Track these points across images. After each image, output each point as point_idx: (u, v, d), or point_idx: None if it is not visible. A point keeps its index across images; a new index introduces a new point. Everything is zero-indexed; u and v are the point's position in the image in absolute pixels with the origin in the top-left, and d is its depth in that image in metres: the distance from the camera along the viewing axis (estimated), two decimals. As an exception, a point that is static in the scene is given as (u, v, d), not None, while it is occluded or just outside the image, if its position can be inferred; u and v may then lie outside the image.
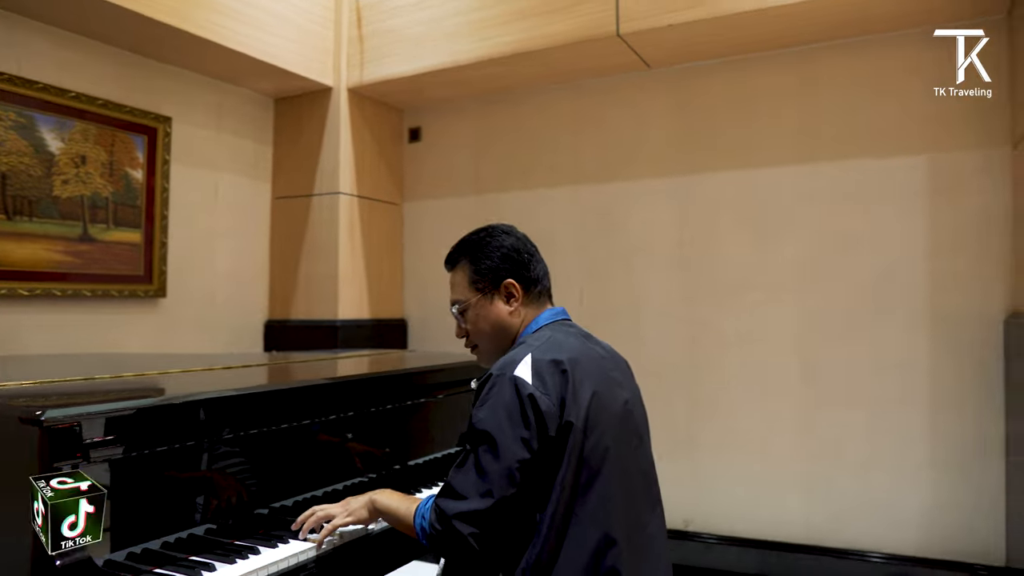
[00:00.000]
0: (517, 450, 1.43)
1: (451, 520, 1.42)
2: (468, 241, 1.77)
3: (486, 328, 1.72)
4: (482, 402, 1.49)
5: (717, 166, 3.67)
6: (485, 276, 1.70)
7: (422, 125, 4.44)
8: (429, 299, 4.38)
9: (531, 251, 1.73)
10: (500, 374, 1.50)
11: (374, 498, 1.66)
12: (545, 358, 1.51)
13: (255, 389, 1.82)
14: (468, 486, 1.44)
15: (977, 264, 3.17)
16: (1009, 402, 3.06)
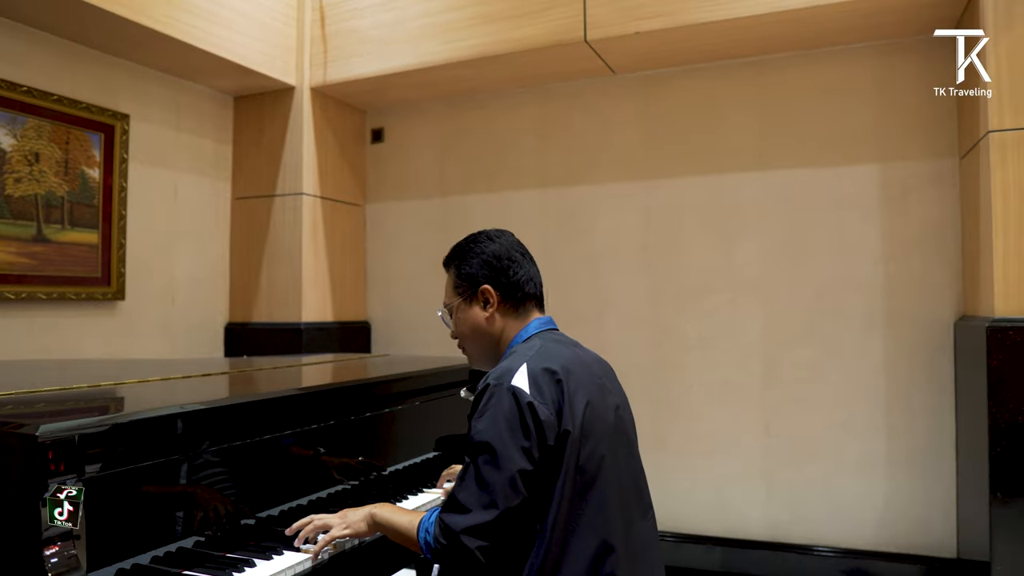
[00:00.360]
0: (519, 460, 1.43)
1: (458, 535, 1.42)
2: (457, 246, 1.79)
3: (467, 332, 1.74)
4: (480, 413, 1.49)
5: (681, 171, 3.74)
6: (465, 281, 1.72)
7: (385, 126, 4.40)
8: (392, 301, 4.35)
9: (514, 258, 1.72)
10: (497, 384, 1.50)
11: (373, 512, 1.64)
12: (539, 367, 1.52)
13: (249, 398, 1.79)
14: (471, 499, 1.43)
15: (928, 269, 3.31)
16: (959, 401, 3.20)
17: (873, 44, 3.39)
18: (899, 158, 3.36)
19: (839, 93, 3.45)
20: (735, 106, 3.63)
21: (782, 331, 3.54)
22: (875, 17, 3.16)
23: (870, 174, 3.41)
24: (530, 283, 1.73)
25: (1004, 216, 2.73)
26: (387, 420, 2.28)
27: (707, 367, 3.66)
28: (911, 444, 3.31)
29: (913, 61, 3.33)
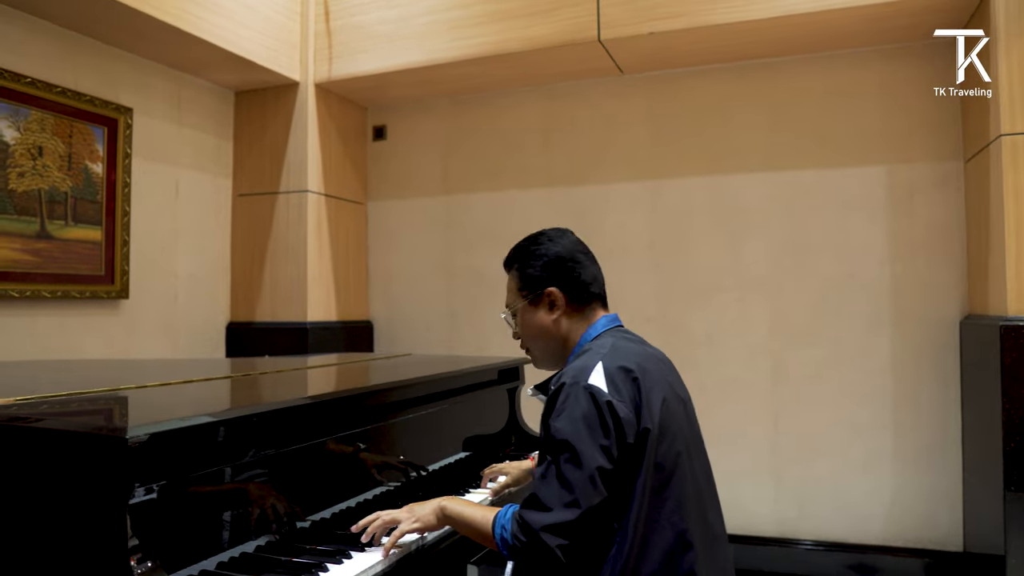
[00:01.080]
0: (599, 458, 1.42)
1: (538, 533, 1.40)
2: (518, 247, 1.77)
3: (532, 334, 1.73)
4: (558, 412, 1.48)
5: (688, 171, 3.77)
6: (528, 284, 1.71)
7: (387, 123, 4.36)
8: (395, 300, 4.31)
9: (578, 259, 1.71)
10: (574, 383, 1.49)
11: (444, 505, 1.61)
12: (615, 365, 1.51)
13: (325, 397, 1.74)
14: (552, 497, 1.42)
15: (934, 269, 3.38)
16: (964, 398, 3.28)
17: (881, 48, 3.45)
18: (905, 160, 3.43)
19: (846, 96, 3.50)
20: (743, 107, 3.67)
21: (790, 329, 3.58)
22: (884, 22, 3.22)
23: (877, 176, 3.47)
24: (595, 283, 1.72)
25: (1016, 218, 2.79)
26: (427, 420, 2.25)
27: (715, 364, 3.69)
28: (917, 441, 3.38)
29: (919, 65, 3.40)
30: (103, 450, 1.18)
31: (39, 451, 1.25)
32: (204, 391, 1.87)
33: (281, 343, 3.82)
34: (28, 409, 1.45)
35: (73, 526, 1.19)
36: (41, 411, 1.47)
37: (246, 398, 1.73)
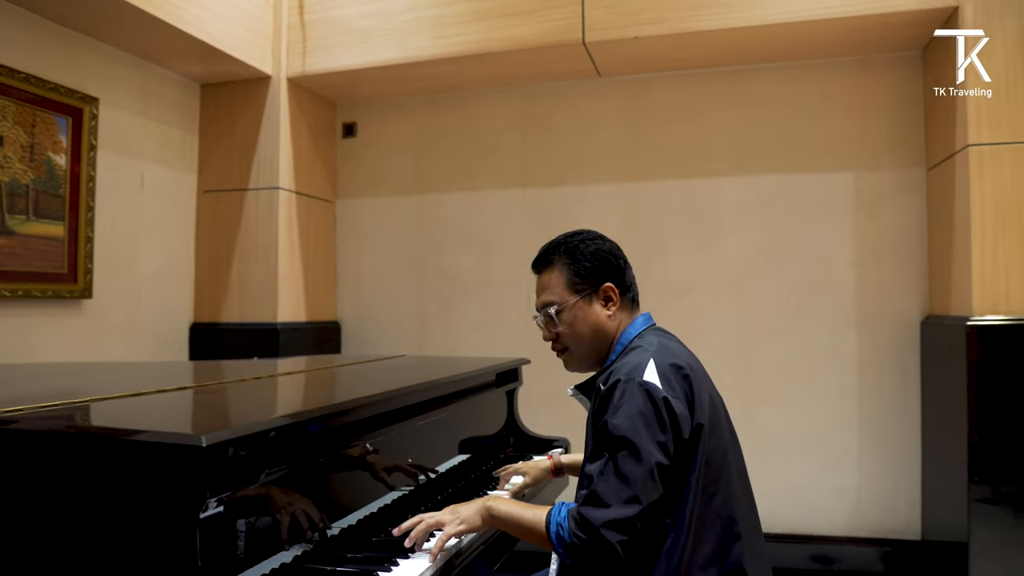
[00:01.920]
0: (656, 454, 1.44)
1: (599, 529, 1.40)
2: (562, 243, 1.72)
3: (584, 331, 1.68)
4: (615, 409, 1.49)
5: (663, 174, 3.84)
6: (585, 278, 1.67)
7: (357, 120, 4.28)
8: (364, 301, 4.23)
9: (624, 257, 1.74)
10: (628, 380, 1.50)
11: (489, 505, 1.59)
12: (667, 363, 1.53)
13: (359, 403, 1.69)
14: (611, 494, 1.43)
15: (897, 272, 3.54)
16: (926, 395, 3.45)
17: (851, 59, 3.59)
18: (871, 168, 3.58)
19: (817, 103, 3.64)
20: (717, 112, 3.76)
21: (759, 330, 3.70)
22: (855, 34, 3.35)
23: (844, 181, 3.61)
24: (634, 284, 1.75)
25: (982, 224, 2.96)
26: (433, 424, 2.22)
27: (689, 365, 3.76)
28: (880, 436, 3.53)
29: (886, 77, 3.56)
30: (175, 460, 1.12)
31: (89, 461, 1.18)
32: (219, 397, 1.79)
33: (249, 345, 3.70)
34: (64, 416, 1.36)
35: (132, 540, 1.12)
36: (71, 417, 1.38)
37: (284, 403, 1.66)
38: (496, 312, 4.03)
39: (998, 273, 2.94)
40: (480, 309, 4.06)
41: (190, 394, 1.77)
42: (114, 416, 1.45)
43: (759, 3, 3.23)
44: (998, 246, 2.94)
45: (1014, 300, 2.92)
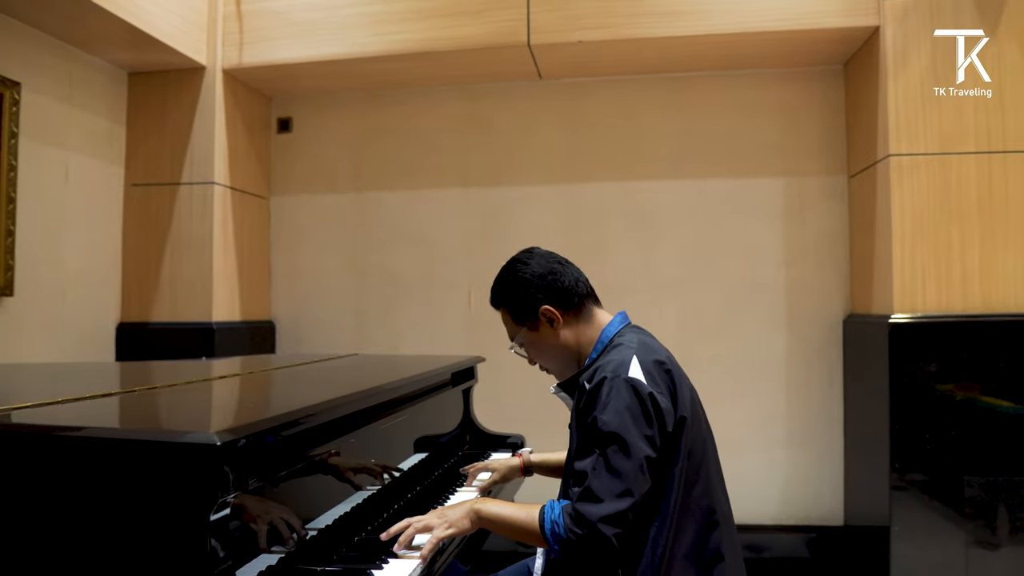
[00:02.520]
0: (644, 448, 1.49)
1: (595, 524, 1.44)
2: (498, 285, 1.81)
3: (548, 352, 1.78)
4: (603, 406, 1.52)
5: (603, 176, 3.93)
6: (522, 311, 1.75)
7: (293, 116, 4.18)
8: (299, 300, 4.14)
9: (554, 269, 1.74)
10: (614, 377, 1.54)
11: (478, 508, 1.60)
12: (649, 359, 1.59)
13: (348, 400, 1.67)
14: (605, 489, 1.46)
15: (821, 273, 3.75)
16: (847, 389, 3.66)
17: (781, 71, 3.78)
18: (798, 174, 3.78)
19: (750, 112, 3.80)
20: (656, 117, 3.88)
21: (697, 328, 3.84)
22: (786, 47, 3.53)
23: (775, 187, 3.79)
24: (579, 284, 1.77)
25: (902, 229, 3.17)
26: (401, 423, 2.21)
27: (628, 363, 3.87)
28: (806, 428, 3.73)
29: (814, 89, 3.76)
30: (182, 457, 1.08)
31: (96, 462, 1.12)
32: (199, 397, 1.73)
33: (182, 345, 3.56)
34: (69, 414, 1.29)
35: (141, 541, 1.08)
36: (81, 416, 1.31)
37: (275, 402, 1.62)
38: (437, 311, 4.02)
39: (916, 275, 3.16)
40: (421, 308, 4.04)
41: (166, 394, 1.70)
42: (107, 417, 1.38)
43: (700, 13, 3.36)
44: (916, 250, 3.16)
45: (930, 300, 3.15)
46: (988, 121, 3.14)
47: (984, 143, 3.13)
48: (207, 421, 1.21)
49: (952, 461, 3.08)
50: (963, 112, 3.15)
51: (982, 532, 3.07)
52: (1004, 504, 3.06)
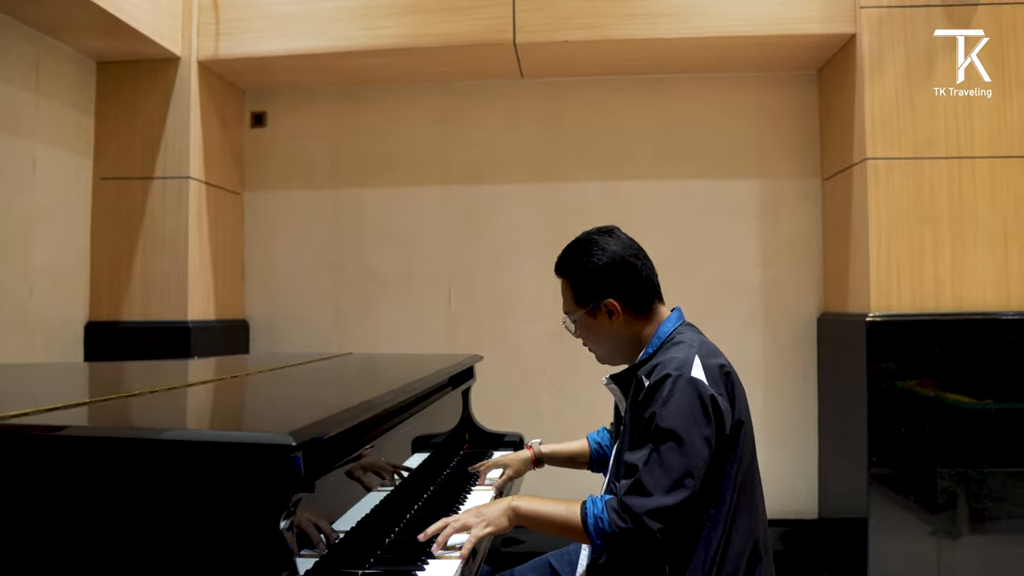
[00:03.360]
0: (702, 448, 1.49)
1: (641, 517, 1.44)
2: (568, 256, 1.77)
3: (597, 338, 1.77)
4: (664, 402, 1.52)
5: (583, 175, 3.95)
6: (584, 297, 1.73)
7: (267, 110, 4.08)
8: (274, 298, 4.05)
9: (630, 263, 1.72)
10: (678, 375, 1.53)
11: (515, 505, 1.58)
12: (710, 361, 1.59)
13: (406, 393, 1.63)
14: (655, 483, 1.46)
15: (796, 273, 3.85)
16: (820, 385, 3.77)
17: (758, 74, 3.86)
18: (775, 176, 3.87)
19: (728, 114, 3.88)
20: (636, 117, 3.92)
21: (675, 327, 3.88)
22: (764, 51, 3.61)
23: (752, 188, 3.88)
24: (649, 283, 1.75)
25: (878, 230, 3.28)
26: (410, 423, 2.18)
27: (607, 361, 3.91)
28: (782, 424, 3.83)
29: (790, 93, 3.86)
30: (262, 459, 1.04)
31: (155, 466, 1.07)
32: (237, 396, 1.68)
33: (156, 344, 3.45)
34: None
35: (211, 544, 1.04)
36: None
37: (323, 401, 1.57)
38: (416, 309, 3.99)
39: (891, 275, 3.27)
40: (400, 306, 4.00)
41: (208, 391, 1.64)
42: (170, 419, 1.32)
43: (683, 16, 3.41)
44: (892, 251, 3.27)
45: (904, 299, 3.26)
46: (958, 128, 3.27)
47: (954, 148, 3.26)
48: (275, 422, 1.17)
49: (925, 454, 3.20)
50: (935, 118, 3.27)
51: (952, 522, 3.19)
52: (972, 494, 3.19)
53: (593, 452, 2.17)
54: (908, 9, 3.28)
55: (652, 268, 1.79)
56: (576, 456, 2.17)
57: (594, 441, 2.19)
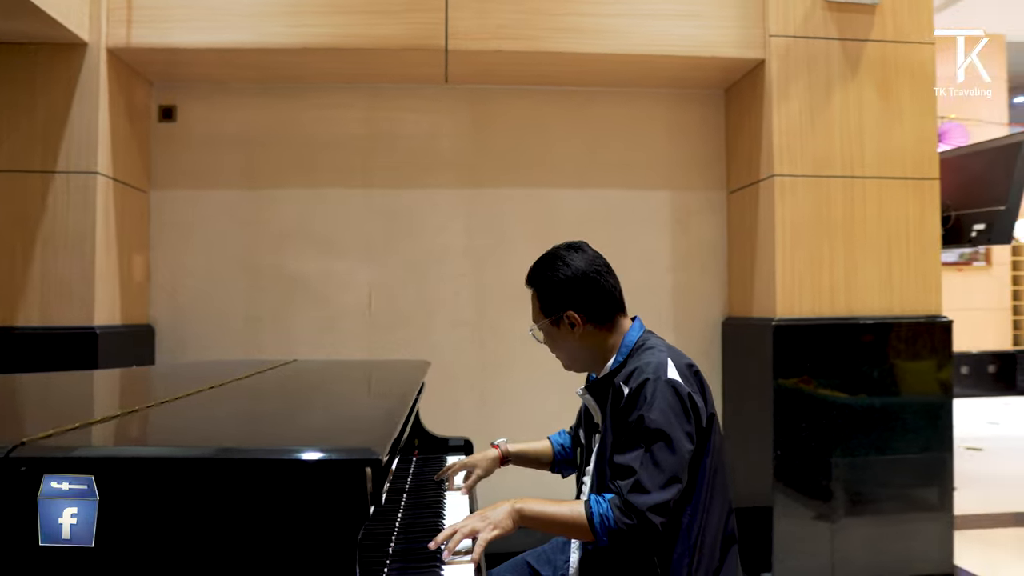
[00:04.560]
0: (686, 443, 1.64)
1: (645, 513, 1.56)
2: (536, 268, 1.89)
3: (562, 348, 1.91)
4: (649, 404, 1.64)
5: (507, 182, 4.03)
6: (547, 308, 1.86)
7: (178, 104, 3.87)
8: (183, 302, 3.84)
9: (592, 278, 1.84)
10: (656, 378, 1.67)
11: (519, 507, 1.65)
12: (680, 362, 1.75)
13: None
14: (652, 481, 1.59)
15: (703, 279, 4.11)
16: (725, 387, 4.05)
17: (672, 92, 4.09)
18: (685, 188, 4.11)
19: (645, 128, 4.08)
20: (560, 128, 4.04)
21: (593, 330, 4.04)
22: (682, 71, 3.83)
23: (664, 199, 4.10)
24: (611, 298, 1.88)
25: (783, 241, 3.57)
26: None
27: (531, 364, 3.99)
28: (690, 421, 4.06)
29: (701, 111, 4.11)
30: (347, 474, 1.03)
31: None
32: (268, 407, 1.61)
33: (58, 351, 3.19)
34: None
35: (291, 562, 1.02)
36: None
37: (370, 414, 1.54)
38: (336, 314, 3.91)
39: (795, 282, 3.57)
40: (318, 311, 3.91)
41: (217, 403, 1.56)
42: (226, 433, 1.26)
43: (611, 33, 3.56)
44: (795, 260, 3.57)
45: (806, 304, 3.57)
46: (851, 150, 3.62)
47: (848, 168, 3.61)
48: (354, 435, 1.16)
49: (822, 446, 3.53)
50: (831, 140, 3.61)
51: (842, 506, 3.53)
52: (860, 480, 3.55)
53: (556, 453, 2.26)
54: (811, 40, 3.60)
55: (616, 283, 1.92)
56: (540, 456, 2.26)
57: (556, 443, 2.28)
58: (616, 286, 1.92)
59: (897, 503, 3.60)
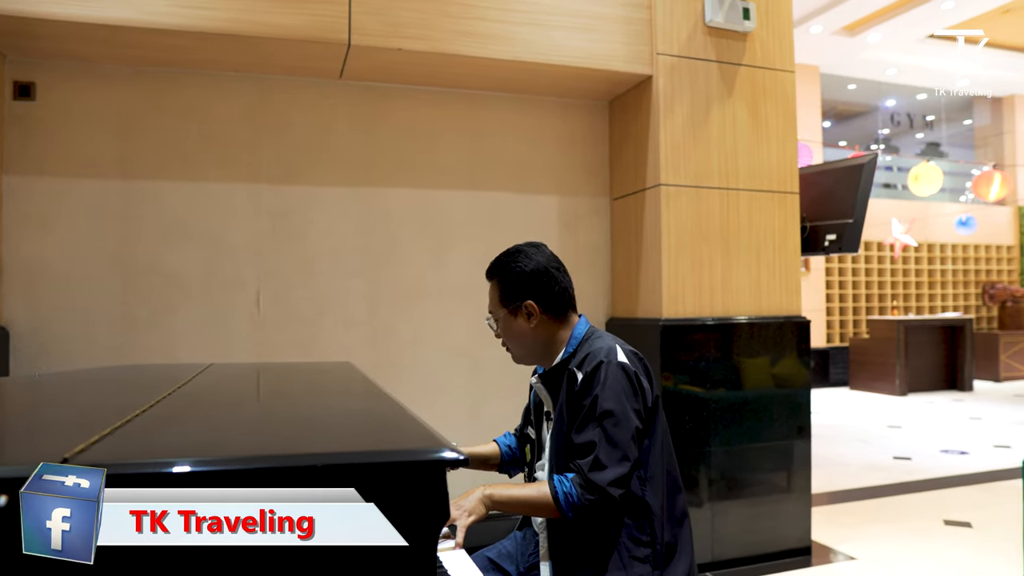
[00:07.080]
0: (635, 420, 1.79)
1: (605, 488, 1.71)
2: (499, 260, 2.00)
3: (514, 339, 2.01)
4: (602, 386, 1.78)
5: (398, 182, 3.99)
6: (508, 297, 1.97)
7: (36, 81, 3.48)
8: (44, 302, 3.46)
9: (551, 274, 2.00)
10: (608, 361, 1.81)
11: (489, 493, 1.78)
12: (627, 348, 1.90)
13: None
14: (608, 457, 1.73)
15: (590, 282, 4.30)
16: (610, 382, 4.25)
17: (562, 100, 4.24)
18: (572, 193, 4.28)
19: (535, 134, 4.20)
20: (452, 130, 4.07)
21: (485, 333, 4.07)
22: (572, 81, 4.00)
23: (552, 203, 4.24)
24: (566, 294, 2.02)
25: (668, 246, 3.83)
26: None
27: (420, 364, 3.99)
28: (577, 418, 4.23)
29: (587, 120, 4.30)
30: (431, 475, 1.02)
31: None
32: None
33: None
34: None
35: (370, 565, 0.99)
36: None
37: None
38: (220, 314, 3.69)
39: (679, 284, 3.83)
40: (201, 311, 3.67)
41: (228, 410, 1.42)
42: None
43: (511, 40, 3.65)
44: (679, 264, 3.83)
45: (688, 305, 3.84)
46: (726, 163, 3.95)
47: (724, 181, 3.93)
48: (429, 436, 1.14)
49: (702, 437, 3.81)
50: (710, 154, 3.92)
51: (719, 490, 3.84)
52: (735, 467, 3.87)
53: (504, 455, 2.31)
54: (694, 61, 3.88)
55: (570, 282, 2.08)
56: (489, 458, 2.30)
57: (504, 444, 2.34)
58: (570, 285, 2.04)
59: (765, 486, 3.97)
